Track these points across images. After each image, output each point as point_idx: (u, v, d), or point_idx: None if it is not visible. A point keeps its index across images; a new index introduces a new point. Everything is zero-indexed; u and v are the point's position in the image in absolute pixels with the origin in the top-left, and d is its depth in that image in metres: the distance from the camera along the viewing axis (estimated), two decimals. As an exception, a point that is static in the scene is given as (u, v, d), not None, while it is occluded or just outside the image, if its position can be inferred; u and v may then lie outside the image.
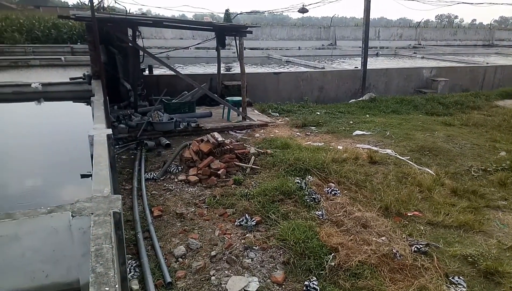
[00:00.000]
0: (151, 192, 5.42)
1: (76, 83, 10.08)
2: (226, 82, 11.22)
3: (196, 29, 10.85)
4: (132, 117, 8.34)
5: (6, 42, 20.83)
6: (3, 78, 12.25)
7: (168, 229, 4.40)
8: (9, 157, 6.32)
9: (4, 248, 2.92)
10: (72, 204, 3.15)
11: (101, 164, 4.11)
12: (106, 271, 2.30)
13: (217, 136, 6.32)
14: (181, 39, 23.17)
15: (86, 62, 15.33)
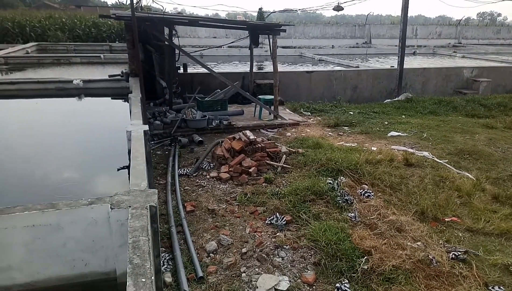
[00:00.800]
0: (184, 188, 5.53)
1: (114, 80, 10.43)
2: (258, 81, 11.25)
3: (230, 27, 10.95)
4: (167, 114, 8.54)
5: (49, 40, 21.92)
6: (46, 74, 12.90)
7: (200, 224, 4.48)
8: (51, 149, 6.63)
9: (47, 237, 3.08)
10: (111, 196, 3.27)
11: (138, 159, 4.24)
12: (142, 262, 2.38)
13: (249, 134, 6.36)
14: (214, 38, 23.46)
15: (123, 60, 15.84)
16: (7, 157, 6.17)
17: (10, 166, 5.85)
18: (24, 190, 5.14)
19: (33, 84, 10.00)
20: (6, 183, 5.29)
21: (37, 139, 7.04)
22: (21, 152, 6.43)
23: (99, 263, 3.24)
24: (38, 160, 6.19)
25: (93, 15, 26.52)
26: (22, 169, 5.77)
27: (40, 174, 5.67)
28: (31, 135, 7.22)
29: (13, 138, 7.04)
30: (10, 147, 6.60)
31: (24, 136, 7.18)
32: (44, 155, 6.39)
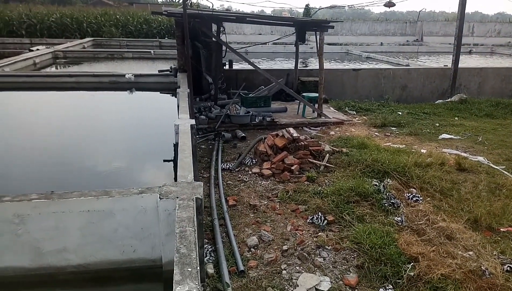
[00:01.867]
0: (226, 182, 5.62)
1: (163, 75, 10.79)
2: (303, 78, 11.14)
3: (277, 24, 10.92)
4: (212, 109, 8.70)
5: (104, 35, 23.12)
6: (101, 68, 13.63)
7: (242, 219, 4.53)
8: (103, 139, 7.01)
9: (101, 222, 3.26)
10: (160, 187, 3.40)
11: (185, 152, 4.37)
12: (189, 252, 2.44)
13: (292, 131, 6.32)
14: (259, 35, 23.54)
15: (172, 56, 16.35)
16: (62, 144, 6.60)
17: (64, 153, 6.26)
18: (75, 175, 5.47)
19: (89, 78, 10.61)
20: (60, 169, 5.66)
21: (91, 129, 7.47)
22: (76, 140, 6.85)
23: (146, 250, 3.38)
24: (90, 148, 6.57)
25: (145, 12, 27.58)
26: (75, 156, 6.15)
27: (91, 161, 6.00)
28: (86, 125, 7.68)
29: (69, 127, 7.52)
30: (66, 135, 7.05)
31: (79, 126, 7.65)
32: (96, 144, 6.77)
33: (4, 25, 22.45)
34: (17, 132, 7.08)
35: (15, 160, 5.86)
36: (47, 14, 23.60)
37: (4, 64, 11.03)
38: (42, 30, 22.93)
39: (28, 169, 5.59)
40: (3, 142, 6.51)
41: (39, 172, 5.51)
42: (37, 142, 6.66)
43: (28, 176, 5.33)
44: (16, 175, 5.35)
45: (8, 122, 7.65)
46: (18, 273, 3.23)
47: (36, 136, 6.92)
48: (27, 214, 3.11)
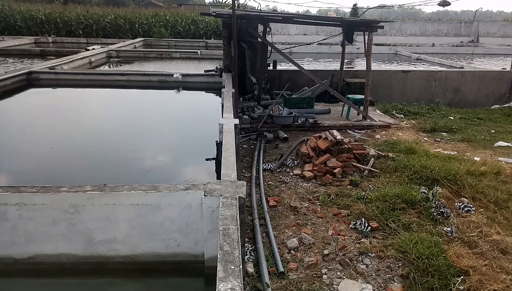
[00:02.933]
0: (267, 182, 5.63)
1: (209, 75, 11.05)
2: (348, 79, 10.90)
3: (323, 24, 10.77)
4: (255, 109, 8.76)
5: (154, 36, 24.05)
6: (150, 68, 14.20)
7: (282, 220, 4.52)
8: (150, 135, 7.30)
9: (148, 216, 3.40)
10: (204, 184, 3.48)
11: (229, 151, 4.44)
12: (232, 250, 2.48)
13: (336, 134, 6.21)
14: (304, 35, 23.35)
15: (217, 56, 16.68)
16: (113, 139, 6.95)
17: (114, 147, 6.59)
18: (123, 169, 5.74)
19: (139, 76, 11.11)
20: (110, 162, 5.96)
21: (140, 126, 7.80)
22: (125, 135, 7.19)
23: (190, 245, 3.48)
24: (138, 143, 6.86)
25: (193, 13, 28.36)
26: (124, 151, 6.45)
27: (138, 156, 6.26)
28: (135, 122, 8.04)
29: (120, 123, 7.91)
30: (117, 131, 7.42)
31: (129, 122, 8.02)
32: (143, 140, 7.06)
33: (63, 26, 24.05)
34: (72, 126, 7.56)
35: (71, 152, 6.27)
36: (103, 15, 24.97)
37: (63, 63, 11.83)
38: (97, 30, 24.30)
39: (82, 161, 5.95)
40: (61, 136, 6.98)
41: (91, 164, 5.85)
42: (90, 136, 7.07)
43: (81, 168, 5.68)
44: (71, 166, 5.72)
45: (65, 117, 8.20)
46: (71, 260, 3.46)
47: (89, 131, 7.35)
48: (82, 204, 3.31)
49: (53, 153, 6.17)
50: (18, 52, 17.12)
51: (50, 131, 7.16)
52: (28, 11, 24.55)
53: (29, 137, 6.86)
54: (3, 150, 6.28)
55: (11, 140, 6.72)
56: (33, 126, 7.42)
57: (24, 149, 6.33)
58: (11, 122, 7.75)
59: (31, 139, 6.75)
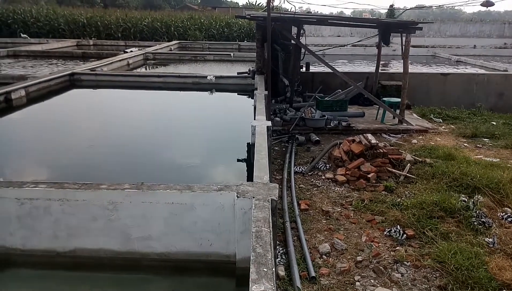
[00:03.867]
0: (299, 185, 5.59)
1: (241, 77, 11.15)
2: (383, 82, 10.63)
3: (358, 26, 10.59)
4: (287, 111, 8.73)
5: (189, 38, 24.57)
6: (185, 70, 14.52)
7: (314, 224, 4.47)
8: (183, 135, 7.46)
9: (182, 215, 3.47)
10: (237, 185, 3.51)
11: (262, 153, 4.45)
12: (264, 253, 2.48)
13: (370, 138, 6.07)
14: (338, 37, 23.02)
15: (250, 58, 16.79)
16: (148, 139, 7.15)
17: (149, 146, 6.78)
18: (157, 168, 5.88)
19: (174, 78, 11.39)
20: (144, 161, 6.13)
21: (174, 126, 7.99)
22: (160, 135, 7.39)
23: (222, 245, 3.52)
24: (172, 143, 7.04)
25: (227, 15, 28.71)
26: (159, 150, 6.63)
27: (172, 155, 6.41)
28: (169, 123, 8.24)
29: (155, 123, 8.13)
30: (152, 131, 7.63)
31: (164, 123, 8.24)
32: (177, 140, 7.22)
33: (103, 29, 25.09)
34: (111, 126, 7.86)
35: (109, 150, 6.52)
36: (140, 18, 25.81)
37: (103, 64, 12.34)
38: (135, 33, 25.16)
39: (119, 159, 6.17)
40: (100, 134, 7.27)
41: (127, 162, 6.05)
42: (127, 135, 7.33)
43: (118, 166, 5.89)
44: (108, 164, 5.94)
45: (104, 117, 8.54)
46: (108, 255, 3.59)
47: (126, 130, 7.62)
48: (120, 201, 3.44)
49: (92, 151, 6.44)
50: (61, 54, 18.05)
51: (90, 130, 7.49)
52: (71, 14, 25.82)
53: (70, 135, 7.21)
54: (46, 146, 6.63)
55: (54, 138, 7.08)
56: (74, 125, 7.79)
57: (65, 146, 6.66)
58: (54, 121, 8.18)
59: (72, 137, 7.08)
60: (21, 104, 8.61)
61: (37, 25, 25.01)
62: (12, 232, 3.54)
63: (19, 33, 23.99)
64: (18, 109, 8.40)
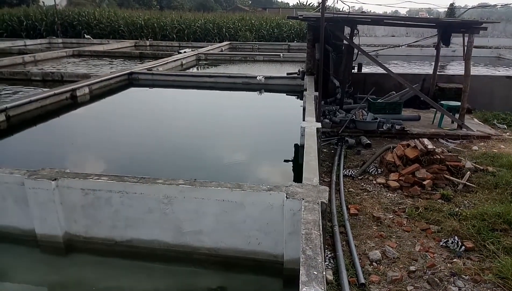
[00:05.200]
0: (348, 189, 5.47)
1: (291, 78, 11.13)
2: (442, 84, 10.07)
3: (416, 26, 10.12)
4: (337, 113, 8.57)
5: (239, 39, 24.95)
6: (235, 70, 14.78)
7: (364, 230, 4.35)
8: (232, 135, 7.59)
9: (232, 212, 3.54)
10: (286, 186, 3.51)
11: (311, 155, 4.42)
12: (315, 255, 2.47)
13: (427, 143, 5.78)
14: (392, 37, 22.17)
15: (299, 58, 16.71)
16: (198, 137, 7.37)
17: (198, 144, 6.97)
18: (204, 165, 6.03)
19: (225, 78, 11.64)
20: (192, 157, 6.32)
21: (223, 125, 8.15)
22: (209, 133, 7.58)
23: (270, 245, 3.54)
24: (220, 142, 7.18)
25: (277, 16, 28.78)
26: (208, 148, 6.80)
27: (220, 154, 6.54)
28: (218, 122, 8.42)
29: (205, 122, 8.36)
30: (202, 129, 7.85)
31: (213, 121, 8.44)
32: (226, 139, 7.36)
33: (159, 30, 26.23)
34: (164, 123, 8.20)
35: (161, 146, 6.80)
36: (194, 20, 26.66)
37: (159, 65, 12.91)
38: (188, 34, 26.03)
39: (170, 155, 6.43)
40: (154, 131, 7.61)
41: (177, 158, 6.28)
42: (178, 132, 7.61)
43: (169, 161, 6.13)
44: (160, 159, 6.20)
45: (158, 114, 8.93)
46: (162, 246, 3.76)
47: (178, 128, 7.91)
48: (174, 196, 3.58)
49: (145, 146, 6.77)
50: (120, 54, 19.15)
51: (145, 126, 7.87)
52: (130, 17, 27.31)
53: (127, 130, 7.63)
54: (105, 140, 7.07)
55: (112, 132, 7.53)
56: (131, 121, 8.23)
57: (122, 141, 7.06)
58: (113, 117, 8.71)
59: (128, 133, 7.49)
60: (85, 101, 9.26)
61: (99, 26, 26.74)
62: (76, 219, 3.82)
63: (83, 34, 25.83)
64: (82, 106, 9.04)
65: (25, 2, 40.36)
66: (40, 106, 8.13)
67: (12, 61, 14.54)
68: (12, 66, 13.97)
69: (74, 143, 6.91)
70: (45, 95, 8.29)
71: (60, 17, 26.66)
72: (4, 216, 3.92)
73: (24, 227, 3.91)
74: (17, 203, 3.81)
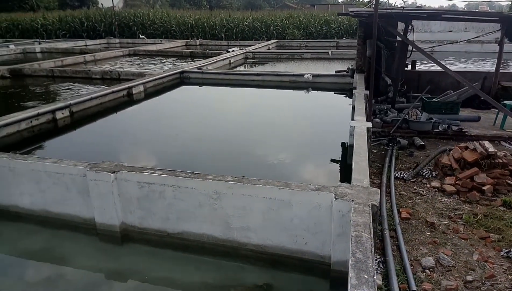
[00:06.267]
0: (399, 192, 5.27)
1: (339, 76, 10.91)
2: (505, 83, 9.36)
3: (477, 20, 9.48)
4: (388, 112, 8.27)
5: (287, 37, 24.87)
6: (282, 68, 14.75)
7: (416, 235, 4.17)
8: (278, 133, 7.59)
9: (279, 210, 3.55)
10: (335, 187, 3.46)
11: (361, 155, 4.31)
12: (365, 259, 2.41)
13: (488, 145, 5.41)
14: (449, 32, 20.93)
15: (349, 56, 16.32)
16: (245, 134, 7.46)
17: (244, 141, 7.07)
18: (250, 161, 6.09)
19: (272, 76, 11.67)
20: (239, 154, 6.41)
21: (270, 123, 8.18)
22: (257, 131, 7.65)
23: (317, 245, 3.51)
24: (267, 139, 7.21)
25: (326, 13, 28.32)
26: (255, 145, 6.87)
27: (266, 151, 6.56)
28: (265, 119, 8.47)
29: (252, 120, 8.44)
30: (248, 127, 7.94)
31: (260, 119, 8.50)
32: (272, 136, 7.38)
33: (209, 29, 26.88)
34: (212, 120, 8.40)
35: (209, 142, 6.97)
36: (242, 19, 26.99)
37: (208, 63, 13.23)
38: (237, 33, 26.40)
39: (217, 151, 6.57)
40: (203, 127, 7.82)
41: (224, 154, 6.40)
42: (225, 129, 7.76)
43: (216, 157, 6.26)
44: (207, 155, 6.36)
45: (207, 111, 9.16)
46: (210, 240, 3.87)
47: (225, 125, 8.07)
48: (223, 192, 3.67)
49: (194, 142, 6.99)
50: (172, 53, 19.88)
51: (194, 123, 8.12)
52: (181, 17, 28.25)
53: (177, 127, 7.92)
54: (157, 136, 7.39)
55: (164, 128, 7.86)
56: (181, 118, 8.54)
57: (172, 136, 7.34)
58: (165, 114, 9.08)
59: (179, 129, 7.77)
60: (140, 98, 9.75)
61: (153, 27, 27.94)
62: (132, 211, 4.04)
63: (138, 34, 27.14)
64: (137, 103, 9.53)
65: (85, 4, 43.27)
66: (99, 103, 8.69)
67: (74, 60, 15.68)
68: (74, 65, 15.06)
69: (129, 138, 7.31)
70: (104, 93, 8.85)
71: (117, 18, 28.22)
72: (68, 205, 4.25)
73: (85, 216, 4.21)
74: (80, 193, 4.11)
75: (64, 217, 4.30)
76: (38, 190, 4.29)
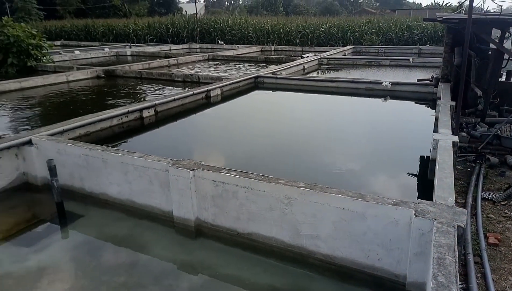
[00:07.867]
0: (487, 214, 4.79)
1: (421, 84, 10.24)
2: None
3: None
4: (477, 126, 7.58)
5: (364, 43, 24.09)
6: (357, 75, 14.31)
7: (505, 264, 3.76)
8: (351, 141, 7.36)
9: (352, 222, 3.45)
10: (415, 203, 3.26)
11: (446, 171, 4.01)
12: (448, 283, 2.24)
13: None
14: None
15: (432, 64, 15.29)
16: (316, 140, 7.36)
17: (315, 147, 6.96)
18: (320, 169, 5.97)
19: (347, 83, 11.38)
20: (308, 160, 6.32)
21: (344, 131, 7.98)
22: (328, 138, 7.51)
23: (391, 262, 3.33)
24: (339, 148, 7.03)
25: (408, 18, 26.87)
26: (325, 153, 6.73)
27: (337, 160, 6.39)
28: (339, 127, 8.28)
29: (325, 127, 8.31)
30: (321, 134, 7.82)
31: (333, 126, 8.33)
32: (345, 145, 7.17)
33: (284, 35, 27.13)
34: (285, 125, 8.44)
35: (280, 147, 7.01)
36: (318, 24, 26.78)
37: (282, 69, 13.35)
38: (312, 39, 26.27)
39: (287, 156, 6.57)
40: (275, 132, 7.90)
41: (294, 159, 6.38)
42: (297, 135, 7.73)
43: (286, 162, 6.27)
44: (279, 160, 6.39)
45: (280, 116, 9.24)
46: (279, 244, 3.88)
47: (297, 131, 8.04)
48: (294, 198, 3.66)
49: (266, 145, 7.08)
50: (248, 58, 20.43)
51: (266, 127, 8.25)
52: (258, 23, 28.93)
53: (250, 130, 8.11)
54: (231, 138, 7.64)
55: (238, 131, 8.10)
56: (255, 122, 8.73)
57: (245, 139, 7.54)
58: (240, 117, 9.36)
59: (252, 132, 7.96)
60: (216, 101, 10.19)
61: (231, 33, 29.04)
62: (206, 208, 4.23)
63: (217, 40, 28.40)
64: (214, 105, 9.97)
65: (171, 11, 46.51)
66: (181, 104, 9.26)
67: (160, 64, 16.94)
68: (159, 68, 16.26)
69: (205, 138, 7.68)
70: (185, 95, 9.41)
71: (199, 24, 29.85)
72: (150, 197, 4.59)
73: (164, 208, 4.51)
74: (161, 187, 4.42)
75: (146, 208, 4.65)
76: (125, 181, 4.70)
